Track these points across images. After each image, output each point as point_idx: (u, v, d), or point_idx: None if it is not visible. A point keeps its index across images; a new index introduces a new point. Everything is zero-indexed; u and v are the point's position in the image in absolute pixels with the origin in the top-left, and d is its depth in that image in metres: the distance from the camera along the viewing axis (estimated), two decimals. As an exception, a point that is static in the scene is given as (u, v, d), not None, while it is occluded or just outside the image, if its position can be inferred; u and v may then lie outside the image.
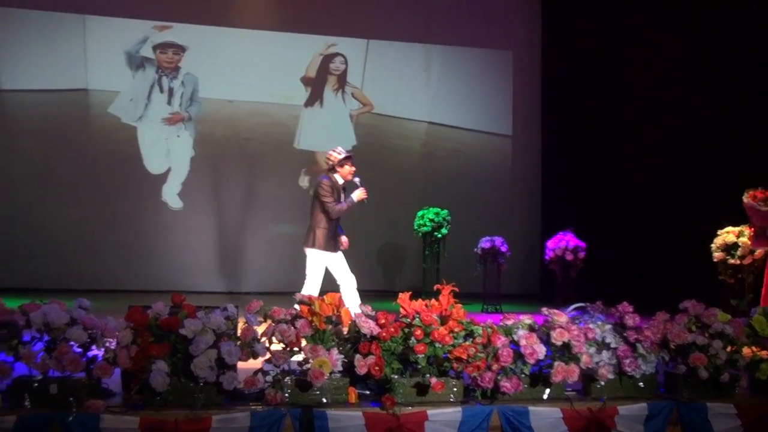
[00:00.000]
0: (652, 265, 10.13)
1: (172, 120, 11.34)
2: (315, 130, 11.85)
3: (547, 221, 11.91)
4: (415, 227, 10.13)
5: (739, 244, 7.43)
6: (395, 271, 11.95)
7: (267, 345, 3.82)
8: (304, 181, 11.79)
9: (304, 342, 3.82)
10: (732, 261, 7.58)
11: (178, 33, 11.36)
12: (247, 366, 3.81)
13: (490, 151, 12.44)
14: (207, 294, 10.59)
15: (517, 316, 4.19)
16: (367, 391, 3.96)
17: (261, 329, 3.87)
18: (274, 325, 3.84)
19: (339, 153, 6.43)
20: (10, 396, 3.58)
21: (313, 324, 3.85)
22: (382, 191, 9.82)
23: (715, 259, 7.62)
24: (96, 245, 10.83)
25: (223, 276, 11.25)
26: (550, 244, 10.11)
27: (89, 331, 3.71)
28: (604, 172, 11.31)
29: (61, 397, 3.55)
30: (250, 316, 3.87)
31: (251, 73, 11.50)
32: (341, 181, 6.46)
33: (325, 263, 6.35)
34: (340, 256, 6.43)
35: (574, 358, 4.03)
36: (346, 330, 3.95)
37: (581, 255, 9.89)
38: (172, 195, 11.34)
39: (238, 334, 3.82)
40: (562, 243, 9.92)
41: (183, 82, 11.39)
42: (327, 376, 3.72)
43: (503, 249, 9.56)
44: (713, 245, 7.64)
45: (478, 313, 8.30)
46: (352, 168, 6.47)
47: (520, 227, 12.09)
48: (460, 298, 4.09)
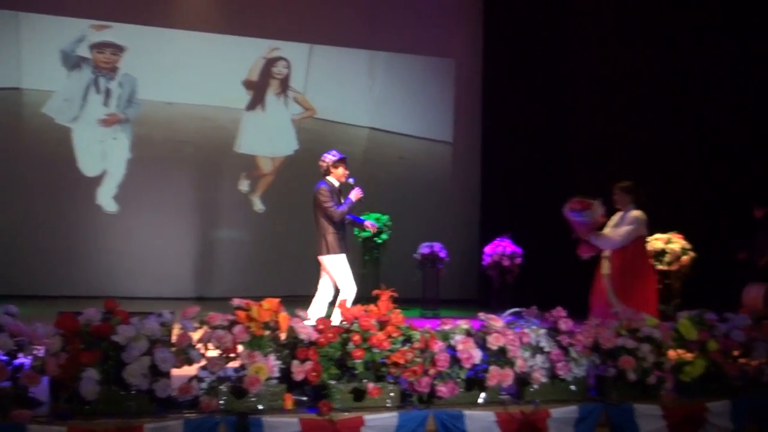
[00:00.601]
0: (586, 270, 10.36)
1: (108, 121, 11.06)
2: (256, 134, 11.74)
3: (485, 227, 12.05)
4: (356, 232, 10.13)
5: (667, 250, 7.70)
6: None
7: (203, 351, 3.78)
8: (243, 185, 11.67)
9: (240, 348, 3.79)
10: (660, 267, 7.86)
11: (117, 33, 11.08)
12: (182, 373, 3.75)
13: (430, 158, 12.56)
14: (143, 300, 10.34)
15: (455, 321, 4.25)
16: (304, 397, 3.95)
17: (197, 335, 3.82)
18: (211, 331, 3.80)
19: (333, 156, 6.49)
20: (-69, 407, 3.44)
21: (250, 330, 3.82)
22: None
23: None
24: (26, 249, 10.44)
25: (159, 281, 10.99)
26: (487, 249, 10.25)
27: (16, 339, 3.60)
28: (541, 179, 11.53)
29: (-14, 406, 3.43)
30: (186, 322, 3.82)
31: (192, 75, 11.29)
32: (337, 183, 6.53)
33: (345, 262, 6.44)
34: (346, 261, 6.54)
35: (509, 363, 4.11)
36: (283, 336, 3.94)
37: (518, 261, 10.05)
38: (107, 198, 11.04)
39: (173, 341, 3.77)
40: (499, 249, 10.08)
41: (121, 83, 11.12)
42: (263, 383, 3.70)
43: (442, 255, 9.68)
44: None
45: (416, 318, 8.35)
46: (346, 170, 6.54)
47: (459, 233, 12.20)
48: (399, 304, 4.12)
